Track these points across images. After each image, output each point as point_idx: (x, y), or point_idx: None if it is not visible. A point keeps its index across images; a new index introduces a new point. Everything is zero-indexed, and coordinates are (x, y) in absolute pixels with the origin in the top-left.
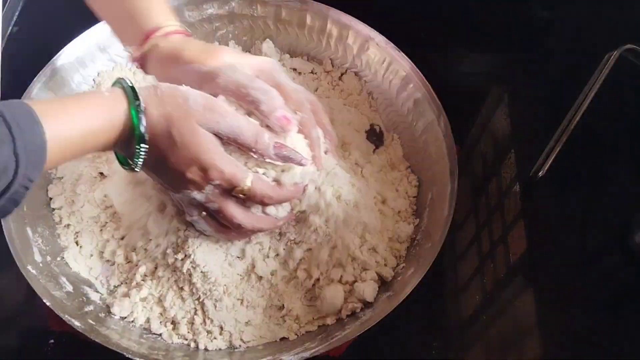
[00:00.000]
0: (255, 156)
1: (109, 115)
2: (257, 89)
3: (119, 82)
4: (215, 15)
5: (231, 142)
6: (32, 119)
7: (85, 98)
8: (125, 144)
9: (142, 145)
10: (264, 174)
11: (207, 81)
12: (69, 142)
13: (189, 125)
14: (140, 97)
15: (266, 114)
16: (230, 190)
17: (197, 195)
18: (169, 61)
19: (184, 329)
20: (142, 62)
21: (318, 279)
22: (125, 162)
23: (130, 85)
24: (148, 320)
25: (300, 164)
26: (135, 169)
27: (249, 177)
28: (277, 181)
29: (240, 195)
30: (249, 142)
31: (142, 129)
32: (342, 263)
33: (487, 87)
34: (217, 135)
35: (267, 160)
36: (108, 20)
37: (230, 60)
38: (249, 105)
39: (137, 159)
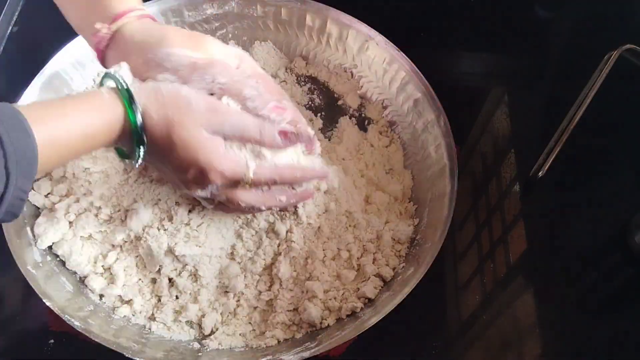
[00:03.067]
0: (265, 148)
1: (108, 117)
2: (250, 85)
3: (113, 80)
4: (214, 15)
5: (237, 139)
6: (22, 128)
7: (84, 100)
8: (125, 143)
9: (141, 147)
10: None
11: (196, 72)
12: (66, 145)
13: (190, 129)
14: (137, 101)
15: (260, 108)
16: (236, 185)
17: (201, 192)
18: (148, 44)
19: (182, 327)
20: (105, 49)
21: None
22: (126, 156)
23: (126, 87)
24: (148, 320)
25: (310, 142)
26: (135, 165)
27: (250, 169)
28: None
29: (247, 186)
30: (254, 136)
31: (141, 131)
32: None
33: (487, 87)
34: (222, 135)
35: (278, 148)
36: (68, 8)
37: (216, 51)
38: (243, 100)
39: (137, 158)
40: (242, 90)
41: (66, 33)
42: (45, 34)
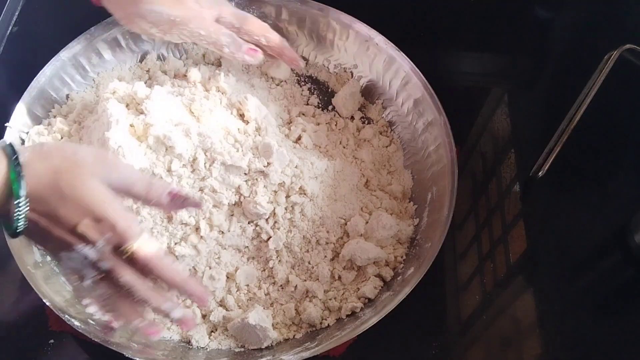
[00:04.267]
0: (148, 206)
1: None
2: (224, 34)
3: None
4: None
5: (124, 194)
6: None
7: None
8: (3, 206)
9: (21, 205)
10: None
11: (176, 27)
12: None
13: (80, 177)
14: (20, 157)
15: (235, 52)
16: (119, 248)
17: (89, 251)
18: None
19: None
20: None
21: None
22: (6, 226)
23: (9, 144)
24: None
25: (197, 207)
26: (17, 231)
27: (140, 238)
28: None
29: (124, 256)
30: (141, 192)
31: (22, 191)
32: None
33: (487, 87)
34: (111, 188)
35: (160, 208)
36: None
37: (193, 5)
38: (220, 47)
39: (18, 221)
40: (219, 39)
41: (66, 33)
42: (45, 34)
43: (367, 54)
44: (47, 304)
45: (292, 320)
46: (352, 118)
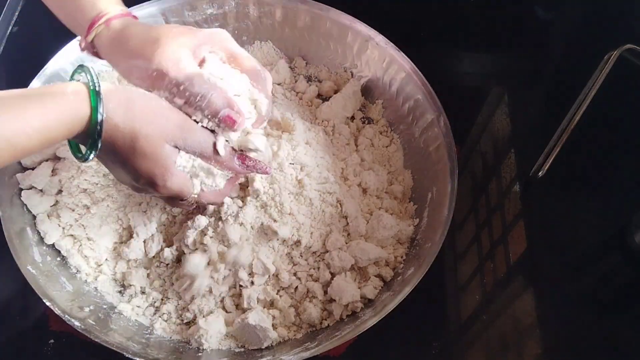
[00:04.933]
0: (219, 167)
1: (69, 118)
2: (200, 91)
3: (85, 73)
4: (214, 15)
5: (197, 156)
6: None
7: (48, 99)
8: (82, 139)
9: (93, 151)
10: (227, 141)
11: (156, 82)
12: (24, 141)
13: (154, 143)
14: (102, 108)
15: (211, 116)
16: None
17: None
18: (116, 52)
19: (182, 327)
20: (93, 51)
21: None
22: (77, 150)
23: (98, 89)
24: (148, 320)
25: (265, 172)
26: (84, 162)
27: (196, 188)
28: (242, 150)
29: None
30: (211, 155)
31: (98, 138)
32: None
33: (487, 87)
34: (184, 149)
35: (232, 171)
36: (56, 11)
37: (175, 49)
38: (195, 110)
39: (87, 157)
40: (191, 95)
41: (66, 33)
42: (45, 34)
43: (367, 54)
44: (47, 303)
45: (292, 320)
46: (352, 118)
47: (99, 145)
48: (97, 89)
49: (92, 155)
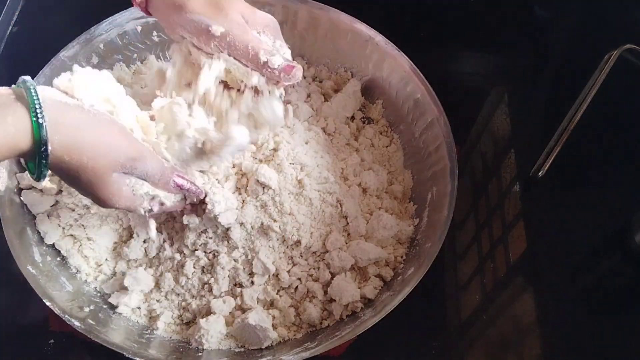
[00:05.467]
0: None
1: (10, 148)
2: (266, 50)
3: (27, 96)
4: None
5: (145, 180)
6: None
7: None
8: (28, 159)
9: (43, 170)
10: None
11: (213, 40)
12: None
13: (102, 173)
14: (48, 143)
15: (272, 70)
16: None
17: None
18: (172, 7)
19: (182, 327)
20: (145, 5)
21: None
22: (32, 171)
23: (41, 120)
24: (148, 320)
25: (199, 196)
26: (40, 181)
27: (143, 208)
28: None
29: None
30: (155, 181)
31: (46, 160)
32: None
33: (487, 87)
34: (130, 174)
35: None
36: None
37: (238, 17)
38: (257, 65)
39: (38, 177)
40: (257, 55)
41: (66, 33)
42: (45, 34)
43: (367, 54)
44: (47, 303)
45: (292, 320)
46: (353, 118)
47: (46, 172)
48: (39, 120)
49: (42, 180)
